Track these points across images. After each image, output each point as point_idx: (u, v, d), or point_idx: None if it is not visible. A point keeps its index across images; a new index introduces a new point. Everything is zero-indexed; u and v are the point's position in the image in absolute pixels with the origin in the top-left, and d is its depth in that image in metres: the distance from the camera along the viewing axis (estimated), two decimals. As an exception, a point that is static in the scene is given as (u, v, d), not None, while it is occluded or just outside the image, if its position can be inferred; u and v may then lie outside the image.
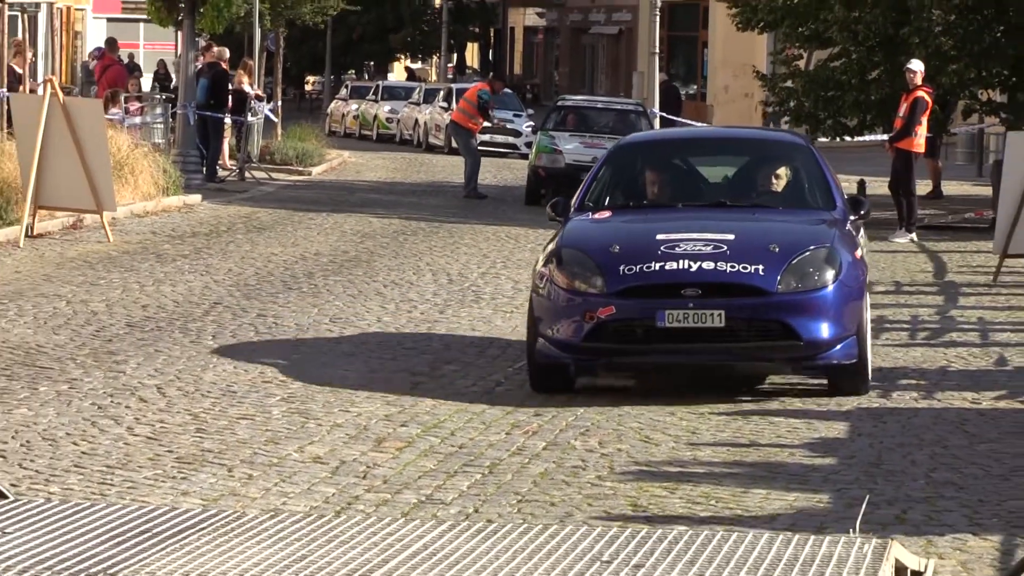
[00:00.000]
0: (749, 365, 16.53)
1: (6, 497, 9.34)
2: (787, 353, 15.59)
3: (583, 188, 18.00)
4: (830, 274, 15.48)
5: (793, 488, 12.01)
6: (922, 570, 8.79)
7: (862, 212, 17.44)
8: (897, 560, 7.56)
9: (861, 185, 34.77)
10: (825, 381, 16.21)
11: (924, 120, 31.35)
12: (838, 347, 15.29)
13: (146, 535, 7.56)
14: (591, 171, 18.83)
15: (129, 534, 7.56)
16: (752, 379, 16.91)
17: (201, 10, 41.28)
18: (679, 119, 50.54)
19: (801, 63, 41.57)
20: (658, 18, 61.77)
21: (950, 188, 40.08)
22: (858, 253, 16.33)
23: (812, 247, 15.80)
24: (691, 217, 16.97)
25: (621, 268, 15.43)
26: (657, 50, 61.69)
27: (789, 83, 40.64)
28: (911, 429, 14.36)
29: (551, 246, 16.60)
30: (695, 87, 75.85)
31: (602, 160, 19.08)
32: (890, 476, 12.61)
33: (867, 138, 37.71)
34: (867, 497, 11.41)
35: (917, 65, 32.15)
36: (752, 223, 16.78)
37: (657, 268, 15.40)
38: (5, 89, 32.21)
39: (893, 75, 34.32)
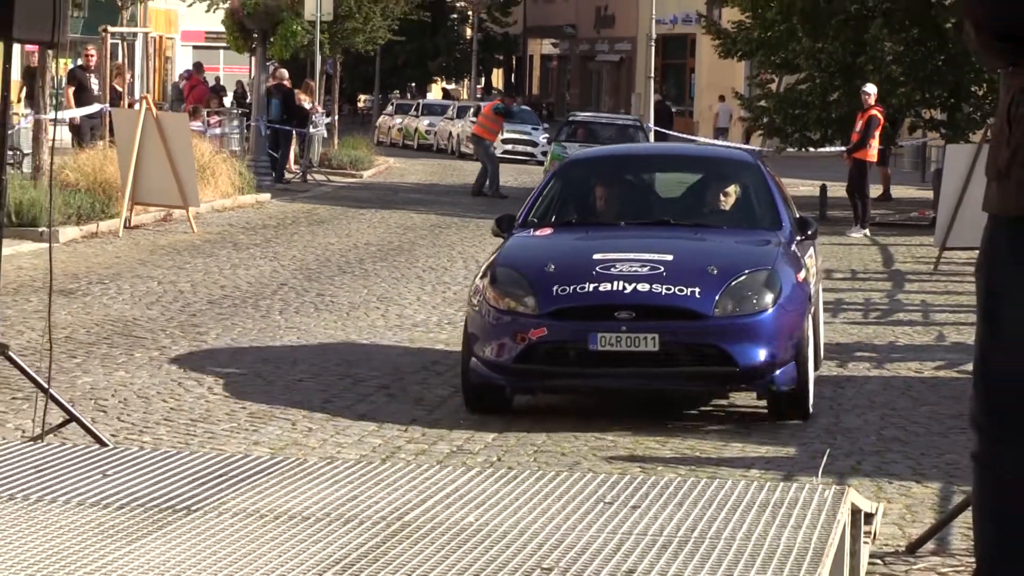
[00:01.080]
0: (686, 390, 13.67)
1: (106, 445, 9.33)
2: (723, 379, 13.00)
3: (528, 203, 15.36)
4: (769, 298, 12.82)
5: (765, 443, 12.07)
6: (873, 512, 8.75)
7: (809, 232, 14.62)
8: (853, 504, 7.52)
9: (823, 189, 34.73)
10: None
11: (877, 135, 31.37)
12: (777, 373, 12.63)
13: (223, 478, 7.53)
14: (538, 186, 16.08)
15: (209, 477, 7.54)
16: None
17: (271, 39, 41.32)
18: (671, 132, 50.48)
19: (773, 86, 41.49)
20: (653, 48, 61.65)
21: (898, 192, 40.00)
22: (801, 275, 13.49)
23: (751, 270, 13.08)
24: (632, 236, 14.34)
25: (554, 289, 12.87)
26: (652, 75, 61.55)
27: (763, 103, 40.67)
28: (864, 394, 14.34)
29: (487, 262, 14.13)
30: (684, 106, 75.56)
31: (550, 175, 16.46)
32: (847, 433, 12.62)
33: (828, 149, 37.55)
34: (828, 451, 11.37)
35: (871, 88, 32.25)
36: (693, 243, 14.13)
37: (591, 289, 12.81)
38: (108, 105, 32.20)
39: (850, 97, 34.25)
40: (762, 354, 12.70)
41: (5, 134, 11.05)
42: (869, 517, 8.48)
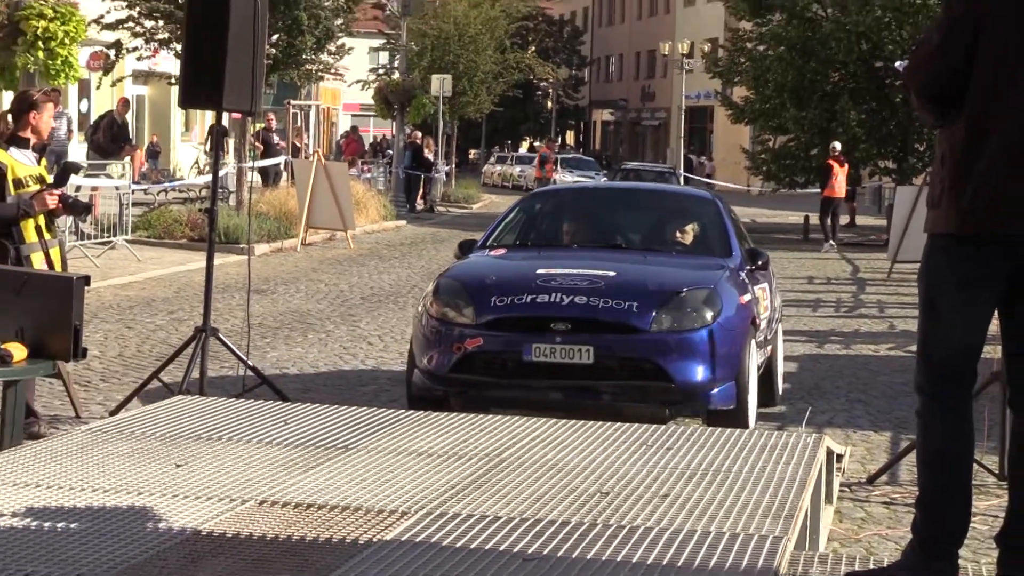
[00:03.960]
0: (622, 406, 10.32)
1: (287, 401, 9.36)
2: (659, 395, 9.95)
3: (490, 229, 12.56)
4: (708, 315, 9.93)
5: (760, 403, 11.95)
6: (842, 453, 8.70)
7: (760, 263, 11.47)
8: (827, 447, 7.47)
9: (806, 219, 34.62)
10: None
11: (840, 177, 31.43)
12: (715, 391, 9.85)
13: (369, 425, 7.56)
14: (501, 215, 13.05)
15: (359, 425, 7.56)
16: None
17: (407, 109, 41.54)
18: (695, 177, 50.35)
19: (770, 143, 41.39)
20: (683, 116, 61.41)
21: (861, 220, 39.77)
22: (745, 299, 10.55)
23: (692, 287, 10.19)
24: (580, 256, 11.24)
25: (492, 300, 10.11)
26: (682, 135, 61.34)
27: (763, 156, 40.60)
28: (836, 367, 14.24)
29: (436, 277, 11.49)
30: (705, 158, 75.34)
31: (513, 206, 13.25)
32: (823, 395, 12.52)
33: (809, 190, 37.36)
34: (809, 409, 11.34)
35: (837, 145, 32.68)
36: (638, 263, 11.01)
37: (528, 301, 10.00)
38: (291, 156, 32.43)
39: (825, 152, 34.02)
40: (699, 371, 9.86)
41: (216, 178, 11.12)
42: (839, 457, 8.44)
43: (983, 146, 4.59)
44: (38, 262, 8.98)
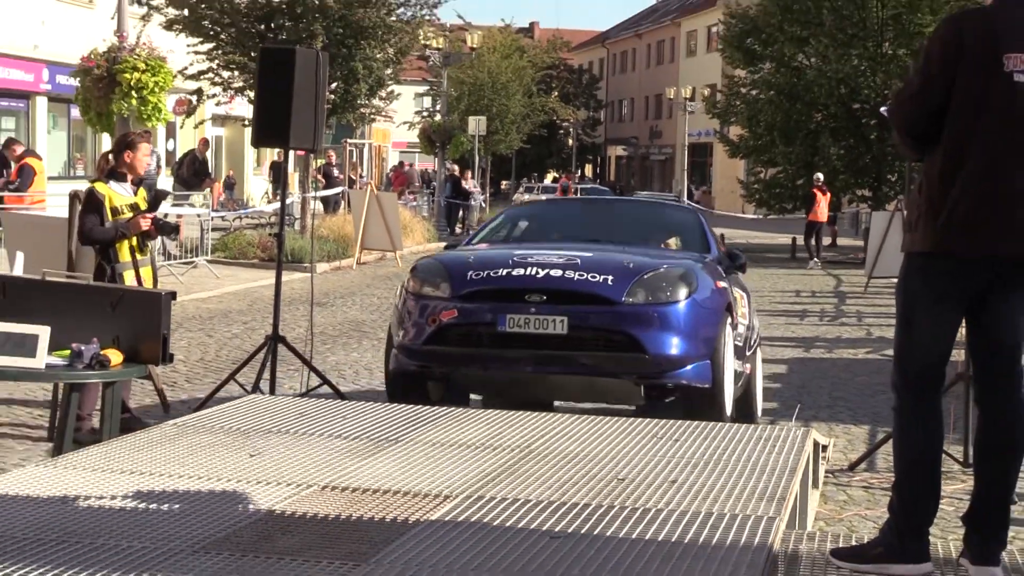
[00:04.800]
0: (598, 381, 9.09)
1: (345, 399, 9.35)
2: (633, 367, 8.74)
3: (475, 232, 11.57)
4: (683, 291, 8.78)
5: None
6: (827, 444, 8.67)
7: (737, 263, 10.32)
8: (814, 439, 7.44)
9: (793, 240, 34.61)
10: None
11: (823, 203, 31.38)
12: (689, 367, 8.70)
13: (413, 420, 7.55)
14: (487, 221, 11.95)
15: (405, 420, 7.56)
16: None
17: (448, 146, 41.67)
18: (696, 205, 50.33)
19: (762, 175, 41.38)
20: (686, 151, 61.32)
21: (842, 242, 39.65)
22: (721, 284, 9.43)
23: (668, 266, 9.08)
24: (560, 246, 9.86)
25: (468, 274, 9.00)
26: (685, 168, 61.21)
27: (755, 185, 40.57)
28: (821, 369, 14.19)
29: None
30: (706, 187, 75.21)
31: (499, 214, 12.01)
32: (810, 393, 12.46)
33: (796, 216, 37.27)
34: (798, 405, 11.27)
35: (820, 176, 32.67)
36: (616, 251, 9.62)
37: (503, 274, 8.92)
38: (347, 187, 32.49)
39: (810, 183, 33.97)
40: (674, 344, 8.68)
41: (284, 206, 11.14)
42: (824, 447, 8.40)
43: (956, 178, 4.60)
44: (129, 279, 9.11)
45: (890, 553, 4.76)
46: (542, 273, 8.82)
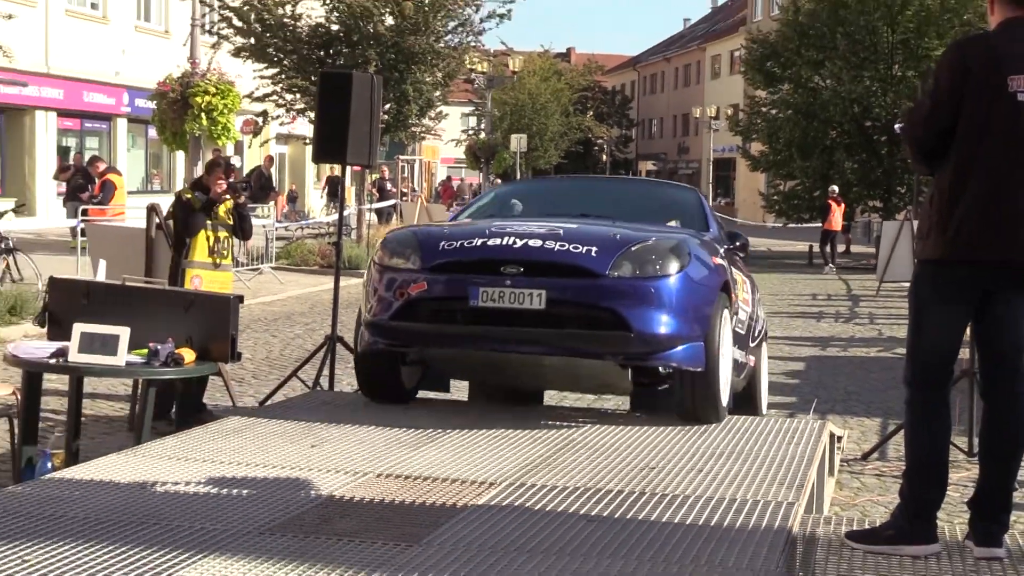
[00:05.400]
0: (581, 364, 7.47)
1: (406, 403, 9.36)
2: (617, 346, 7.13)
3: (461, 208, 10.03)
4: (674, 265, 7.22)
5: (776, 394, 11.82)
6: (842, 435, 8.63)
7: (738, 243, 8.76)
8: (830, 430, 7.40)
9: (811, 248, 34.48)
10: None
11: (837, 213, 31.27)
12: (679, 348, 7.11)
13: (459, 413, 7.53)
14: (475, 198, 10.24)
15: (455, 413, 7.54)
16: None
17: (492, 162, 41.69)
18: (719, 214, 50.19)
19: (781, 188, 41.22)
20: (711, 166, 61.17)
21: (855, 249, 39.42)
22: (718, 260, 7.83)
23: (658, 238, 7.47)
24: (546, 219, 8.07)
25: (441, 244, 7.46)
26: (711, 181, 61.06)
27: (775, 197, 40.48)
28: (836, 366, 14.13)
29: None
30: (729, 200, 74.96)
31: (487, 191, 9.54)
32: (826, 388, 12.40)
33: (812, 225, 37.11)
34: (815, 400, 11.23)
35: (835, 188, 32.45)
36: (605, 224, 7.87)
37: (478, 244, 7.40)
38: (400, 199, 32.55)
39: (825, 194, 33.82)
40: (663, 322, 7.03)
41: (342, 218, 11.18)
42: (839, 438, 8.36)
43: (962, 197, 4.59)
44: (187, 278, 9.22)
45: (901, 535, 4.74)
46: (519, 243, 7.16)
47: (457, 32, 27.83)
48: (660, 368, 7.30)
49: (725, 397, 7.40)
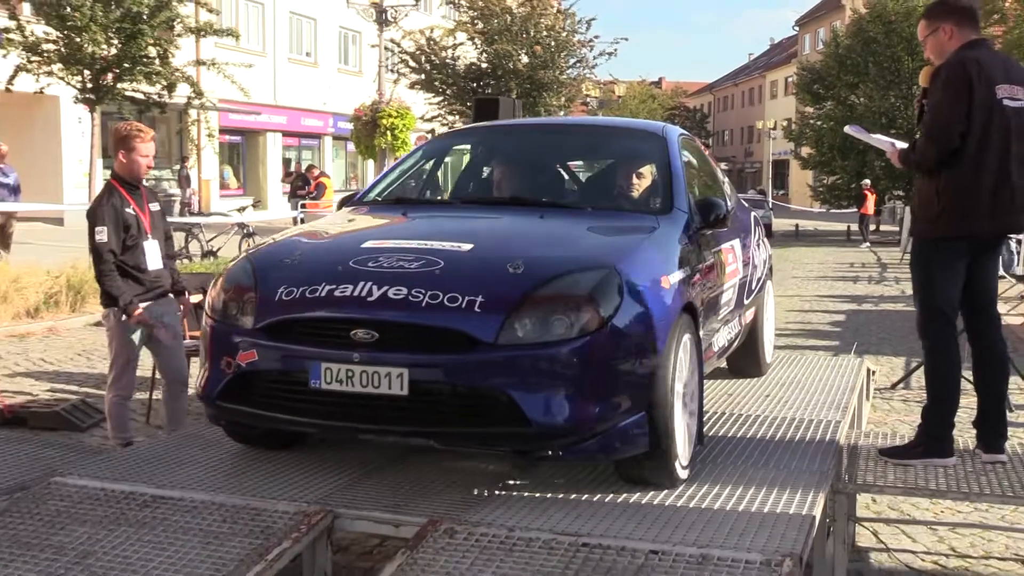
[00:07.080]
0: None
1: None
2: (508, 441, 3.42)
3: (376, 179, 5.22)
4: (594, 317, 3.38)
5: (823, 339, 11.63)
6: (875, 370, 8.44)
7: (712, 218, 4.48)
8: (867, 366, 7.25)
9: (848, 228, 33.76)
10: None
11: (870, 200, 30.53)
12: (603, 432, 3.43)
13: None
14: (400, 159, 5.36)
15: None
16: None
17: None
18: (776, 202, 49.18)
19: (825, 181, 40.52)
20: (770, 165, 59.84)
21: (884, 228, 38.43)
22: (673, 278, 3.79)
23: (577, 270, 3.49)
24: (448, 217, 4.40)
25: (280, 292, 3.60)
26: (769, 177, 59.82)
27: (820, 188, 39.82)
28: (869, 320, 13.77)
29: None
30: (784, 191, 73.43)
31: (417, 148, 5.49)
32: (862, 336, 12.10)
33: (850, 210, 36.29)
34: (856, 343, 10.99)
35: (867, 181, 31.72)
36: (517, 227, 4.07)
37: (323, 294, 3.48)
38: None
39: (860, 186, 33.10)
40: (575, 406, 3.46)
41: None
42: (873, 372, 8.17)
43: (979, 181, 4.43)
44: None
45: (927, 449, 4.64)
46: (376, 294, 3.64)
47: (576, 67, 27.82)
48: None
49: (683, 467, 4.00)
